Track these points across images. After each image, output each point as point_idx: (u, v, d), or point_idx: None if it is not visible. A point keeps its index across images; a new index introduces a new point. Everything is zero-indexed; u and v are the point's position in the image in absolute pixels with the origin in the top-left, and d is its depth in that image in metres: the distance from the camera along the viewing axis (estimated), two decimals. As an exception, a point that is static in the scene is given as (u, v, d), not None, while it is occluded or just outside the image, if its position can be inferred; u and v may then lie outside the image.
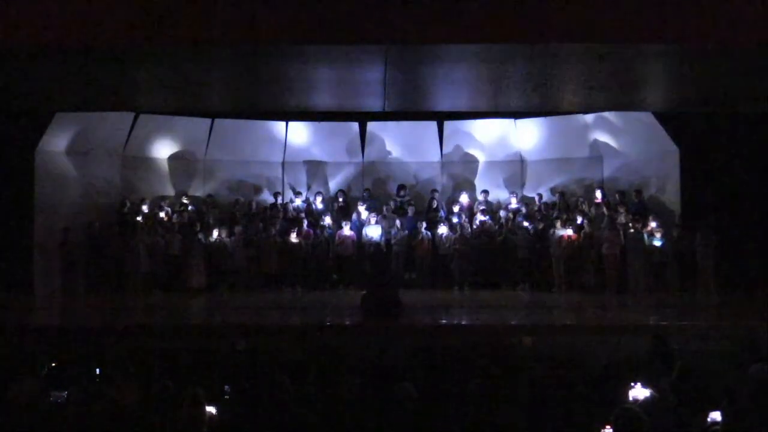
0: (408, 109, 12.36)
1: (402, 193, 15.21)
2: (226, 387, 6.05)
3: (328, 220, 14.37)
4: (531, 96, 10.46)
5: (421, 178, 16.00)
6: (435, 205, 14.78)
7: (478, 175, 15.87)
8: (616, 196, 14.25)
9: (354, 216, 14.48)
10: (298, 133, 16.07)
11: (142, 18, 6.68)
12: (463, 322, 10.17)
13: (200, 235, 13.64)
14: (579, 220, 13.64)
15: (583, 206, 14.15)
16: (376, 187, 15.85)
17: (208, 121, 15.47)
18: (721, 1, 6.65)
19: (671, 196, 14.08)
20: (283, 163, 16.12)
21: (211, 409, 4.82)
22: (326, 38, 6.81)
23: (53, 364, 6.61)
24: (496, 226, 14.10)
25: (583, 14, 6.65)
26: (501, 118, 15.45)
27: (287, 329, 9.75)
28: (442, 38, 6.86)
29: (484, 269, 14.00)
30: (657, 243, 12.77)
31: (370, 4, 6.66)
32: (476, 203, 14.94)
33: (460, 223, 14.05)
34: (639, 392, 5.71)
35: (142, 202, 14.66)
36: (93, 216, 14.12)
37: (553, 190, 15.23)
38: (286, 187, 15.96)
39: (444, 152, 15.99)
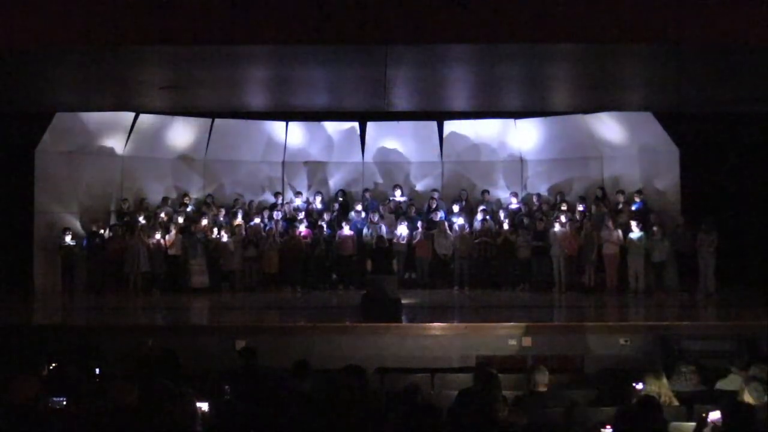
0: (408, 109, 12.35)
1: (398, 192, 15.21)
2: (226, 387, 6.05)
3: (330, 214, 14.44)
4: (531, 96, 10.47)
5: (421, 178, 16.00)
6: (435, 206, 14.78)
7: (478, 175, 15.87)
8: (617, 195, 14.26)
9: (354, 216, 14.49)
10: (298, 133, 16.07)
11: (142, 18, 6.67)
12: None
13: (200, 235, 13.64)
14: (579, 219, 13.64)
15: (583, 206, 14.15)
16: (376, 187, 15.85)
17: (208, 121, 15.47)
18: (721, 1, 6.65)
19: (671, 196, 14.09)
20: (283, 163, 16.12)
21: (203, 406, 4.82)
22: (326, 38, 6.80)
23: (53, 365, 6.61)
24: (496, 226, 14.10)
25: (582, 14, 6.65)
26: (501, 118, 15.45)
27: (287, 329, 9.75)
28: (442, 38, 6.86)
29: (484, 269, 14.01)
30: (657, 242, 12.77)
31: (370, 4, 6.66)
32: (476, 203, 14.94)
33: (465, 224, 14.05)
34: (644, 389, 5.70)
35: (143, 202, 14.66)
36: (93, 216, 14.13)
37: (552, 190, 15.23)
38: (286, 187, 15.96)
39: (444, 152, 15.99)
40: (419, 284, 13.91)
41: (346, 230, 13.99)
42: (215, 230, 13.84)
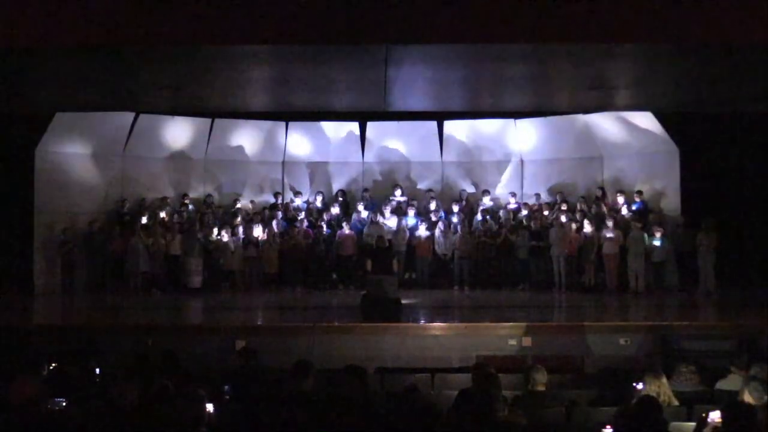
0: (408, 109, 12.34)
1: (398, 192, 15.22)
2: (226, 387, 6.06)
3: (330, 214, 14.50)
4: (531, 96, 10.47)
5: (421, 178, 16.00)
6: (434, 206, 14.79)
7: (478, 175, 15.87)
8: (617, 195, 14.26)
9: (354, 216, 14.49)
10: (298, 133, 16.07)
11: (142, 18, 6.67)
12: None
13: (200, 235, 13.64)
14: (579, 219, 13.64)
15: (583, 206, 14.15)
16: (376, 187, 15.86)
17: (208, 121, 15.47)
18: (722, 1, 6.65)
19: (671, 196, 14.09)
20: (283, 163, 16.12)
21: (208, 407, 4.82)
22: (326, 38, 6.80)
23: (53, 365, 6.61)
24: (496, 226, 14.11)
25: (582, 14, 6.65)
26: (501, 118, 15.45)
27: (287, 329, 9.74)
28: (442, 38, 6.86)
29: (484, 269, 14.01)
30: (657, 243, 12.79)
31: (370, 4, 6.65)
32: (476, 203, 14.95)
33: (459, 223, 14.08)
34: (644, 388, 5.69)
35: (142, 202, 14.67)
36: (93, 216, 14.13)
37: (552, 190, 15.23)
38: (286, 187, 15.96)
39: (444, 152, 15.99)
40: (419, 284, 13.91)
41: (346, 230, 13.99)
42: (215, 230, 13.84)
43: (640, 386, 5.79)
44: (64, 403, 5.22)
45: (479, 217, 14.23)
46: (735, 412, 4.35)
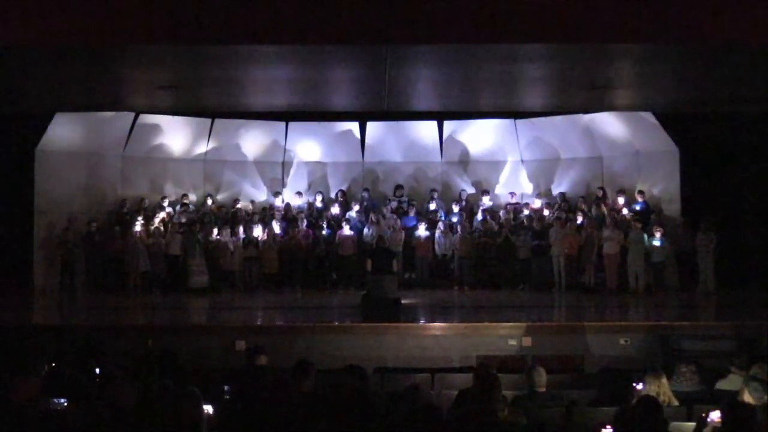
0: (408, 109, 12.35)
1: (399, 192, 15.22)
2: (226, 387, 6.05)
3: (330, 214, 14.52)
4: (531, 96, 10.48)
5: (421, 178, 16.00)
6: (434, 206, 14.79)
7: (478, 175, 15.87)
8: (617, 196, 14.26)
9: (354, 216, 14.49)
10: (298, 133, 16.07)
11: (142, 18, 6.67)
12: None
13: (200, 235, 13.63)
14: (579, 220, 13.64)
15: (583, 206, 14.15)
16: (376, 187, 15.86)
17: (208, 121, 15.47)
18: (723, 1, 6.65)
19: (671, 196, 14.09)
20: (283, 163, 16.12)
21: (208, 408, 4.82)
22: (326, 38, 6.81)
23: (53, 365, 6.60)
24: (496, 226, 14.11)
25: (582, 14, 6.65)
26: (501, 118, 15.45)
27: (287, 329, 9.74)
28: (443, 38, 6.86)
29: (484, 269, 14.00)
30: (657, 243, 12.79)
31: (370, 4, 6.66)
32: (476, 203, 14.95)
33: (459, 223, 14.09)
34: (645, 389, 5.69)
35: (142, 202, 14.66)
36: (93, 216, 14.13)
37: (553, 190, 15.23)
38: (286, 187, 15.96)
39: (444, 152, 15.99)
40: (419, 284, 13.91)
41: (346, 230, 13.99)
42: (215, 230, 13.84)
43: (640, 386, 5.79)
44: (64, 403, 5.21)
45: (479, 217, 14.23)
46: (735, 412, 4.35)
